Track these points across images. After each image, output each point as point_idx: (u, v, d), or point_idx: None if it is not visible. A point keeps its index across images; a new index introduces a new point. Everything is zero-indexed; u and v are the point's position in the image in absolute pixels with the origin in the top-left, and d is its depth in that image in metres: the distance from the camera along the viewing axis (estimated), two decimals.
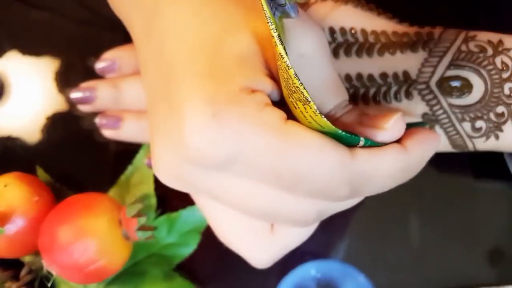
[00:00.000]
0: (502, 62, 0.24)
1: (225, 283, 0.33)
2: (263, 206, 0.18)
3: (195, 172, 0.17)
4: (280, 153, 0.16)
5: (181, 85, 0.17)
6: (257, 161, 0.17)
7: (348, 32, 0.25)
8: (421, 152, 0.18)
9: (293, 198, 0.18)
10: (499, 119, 0.25)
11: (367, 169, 0.17)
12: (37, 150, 0.35)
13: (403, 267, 0.32)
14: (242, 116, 0.16)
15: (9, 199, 0.30)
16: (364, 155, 0.17)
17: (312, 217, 0.19)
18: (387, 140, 0.18)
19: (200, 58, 0.18)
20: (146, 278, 0.32)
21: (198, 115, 0.16)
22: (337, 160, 0.17)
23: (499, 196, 0.32)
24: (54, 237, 0.28)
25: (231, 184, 0.18)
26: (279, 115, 0.17)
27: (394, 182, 0.18)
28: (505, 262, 0.32)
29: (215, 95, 0.17)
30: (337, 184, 0.17)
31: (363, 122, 0.18)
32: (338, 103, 0.19)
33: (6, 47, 0.35)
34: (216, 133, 0.16)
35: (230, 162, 0.17)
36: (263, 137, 0.16)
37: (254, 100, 0.17)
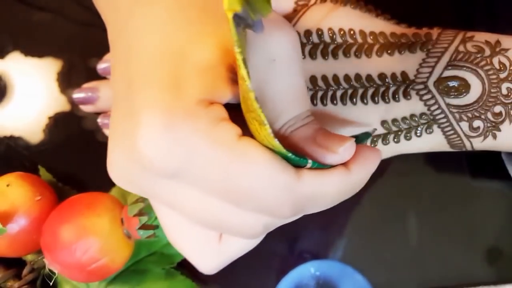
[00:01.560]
0: (500, 62, 0.25)
1: (226, 281, 0.33)
2: (211, 217, 0.18)
3: (146, 178, 0.18)
4: (229, 170, 0.17)
5: (141, 92, 0.17)
6: (207, 175, 0.17)
7: (347, 33, 0.26)
8: (364, 172, 0.19)
9: (241, 212, 0.18)
10: (496, 119, 0.25)
11: (311, 191, 0.18)
12: (40, 150, 0.35)
13: (401, 266, 0.32)
14: (195, 130, 0.17)
15: (11, 199, 0.30)
16: (310, 178, 0.18)
17: (258, 230, 0.19)
18: (334, 163, 0.18)
19: (162, 67, 0.18)
20: (148, 276, 0.32)
21: (152, 125, 0.16)
22: (284, 182, 0.17)
23: (497, 195, 0.32)
24: (56, 236, 0.28)
25: (180, 193, 0.18)
26: (233, 131, 0.17)
27: (337, 201, 0.19)
28: (503, 261, 0.32)
29: (171, 106, 0.17)
30: (282, 205, 0.17)
31: (317, 140, 0.19)
32: (299, 114, 0.19)
33: (9, 48, 0.35)
34: (168, 144, 0.16)
35: (180, 173, 0.17)
36: (214, 153, 0.17)
37: (209, 114, 0.17)
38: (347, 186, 0.19)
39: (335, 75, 0.25)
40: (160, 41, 0.18)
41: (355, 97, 0.25)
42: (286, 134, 0.19)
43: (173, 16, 0.19)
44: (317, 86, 0.25)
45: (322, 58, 0.25)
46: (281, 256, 0.33)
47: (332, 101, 0.25)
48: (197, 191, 0.18)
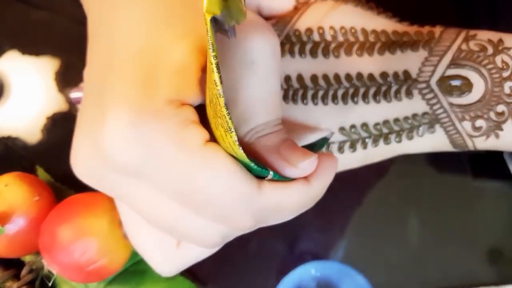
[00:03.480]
0: (503, 61, 0.24)
1: (225, 282, 0.33)
2: (169, 221, 0.18)
3: (107, 173, 0.17)
4: (191, 174, 0.16)
5: (113, 86, 0.17)
6: (168, 177, 0.17)
7: (348, 32, 0.25)
8: (324, 183, 0.19)
9: (199, 220, 0.18)
10: (499, 118, 0.25)
11: (271, 203, 0.18)
12: (37, 150, 0.35)
13: (402, 267, 0.32)
14: (162, 129, 0.16)
15: (9, 199, 0.30)
16: (270, 190, 0.17)
17: (216, 240, 0.19)
18: (295, 176, 0.18)
19: (137, 64, 0.18)
20: (147, 277, 0.32)
21: (118, 120, 0.16)
22: (244, 193, 0.17)
23: (499, 196, 0.32)
24: (54, 236, 0.28)
25: (140, 193, 0.18)
26: (200, 135, 0.17)
27: (297, 212, 0.19)
28: (504, 262, 0.32)
29: (140, 104, 0.17)
30: (241, 215, 0.17)
31: (280, 151, 0.18)
32: (269, 121, 0.19)
33: (6, 47, 0.35)
34: (131, 141, 0.16)
35: (140, 171, 0.17)
36: (177, 155, 0.16)
37: (179, 115, 0.17)
38: (307, 198, 0.19)
39: (336, 74, 0.25)
40: (139, 38, 0.18)
41: (357, 96, 0.25)
42: (252, 140, 0.19)
43: (155, 13, 0.18)
44: (318, 85, 0.25)
45: (323, 57, 0.25)
46: (281, 256, 0.33)
47: (333, 100, 0.25)
48: (156, 193, 0.17)
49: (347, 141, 0.26)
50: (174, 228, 0.18)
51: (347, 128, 0.25)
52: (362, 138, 0.25)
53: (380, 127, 0.25)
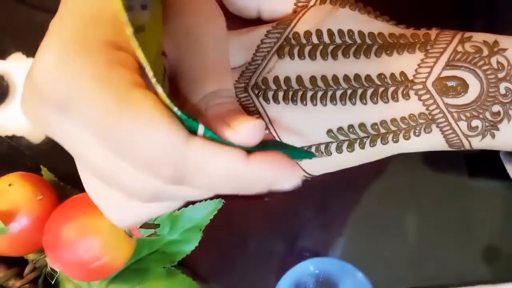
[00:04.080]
0: (498, 62, 0.25)
1: (226, 279, 0.33)
2: (98, 165, 0.18)
3: (40, 108, 0.17)
4: (111, 114, 0.16)
5: (54, 24, 0.18)
6: (88, 113, 0.16)
7: (346, 34, 0.26)
8: (263, 172, 0.17)
9: (126, 167, 0.17)
10: (495, 118, 0.25)
11: (197, 159, 0.17)
12: (42, 149, 0.35)
13: (400, 265, 0.33)
14: (87, 65, 0.16)
15: (13, 198, 0.30)
16: (200, 144, 0.16)
17: (146, 193, 0.18)
18: (233, 141, 0.17)
19: (84, 6, 0.18)
20: (149, 274, 0.32)
21: (49, 52, 0.16)
22: (167, 138, 0.16)
23: (495, 194, 0.32)
24: (58, 235, 0.28)
25: (69, 131, 0.17)
26: (130, 78, 0.16)
27: (225, 187, 0.17)
28: (501, 260, 0.32)
29: (74, 38, 0.17)
30: (162, 163, 0.16)
31: (224, 118, 0.18)
32: (218, 90, 0.19)
33: (11, 49, 0.35)
34: (58, 74, 0.16)
35: (66, 106, 0.16)
36: (98, 93, 0.16)
37: (111, 55, 0.17)
38: (238, 173, 0.17)
39: (334, 75, 0.25)
40: None
41: (354, 97, 0.25)
42: (202, 110, 0.18)
43: None
44: (317, 86, 0.25)
45: (321, 59, 0.26)
46: (281, 255, 0.33)
47: (332, 101, 0.25)
48: (82, 131, 0.17)
49: (345, 141, 0.26)
50: (103, 173, 0.18)
51: (345, 128, 0.26)
52: (360, 138, 0.26)
53: (377, 127, 0.26)
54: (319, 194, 0.33)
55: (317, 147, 0.26)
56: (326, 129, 0.25)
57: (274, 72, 0.26)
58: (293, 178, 0.18)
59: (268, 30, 0.26)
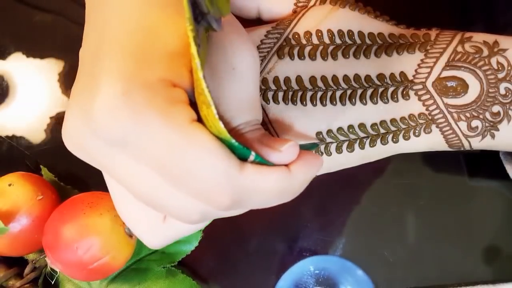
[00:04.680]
0: (498, 63, 0.25)
1: (226, 279, 0.34)
2: (149, 193, 0.18)
3: (95, 142, 0.18)
4: (174, 149, 0.17)
5: (106, 60, 0.18)
6: (150, 148, 0.17)
7: (346, 35, 0.26)
8: (304, 175, 0.19)
9: (178, 195, 0.18)
10: (495, 118, 0.25)
11: (251, 184, 0.18)
12: (42, 149, 0.35)
13: (400, 265, 0.33)
14: (150, 102, 0.17)
15: (13, 198, 0.30)
16: (252, 171, 0.18)
17: (194, 217, 0.19)
18: (277, 161, 0.19)
19: (132, 40, 0.18)
20: (149, 274, 0.32)
21: (110, 89, 0.17)
22: (225, 168, 0.17)
23: (495, 194, 0.32)
24: (58, 235, 0.29)
25: (123, 164, 0.18)
26: (188, 114, 0.17)
27: (276, 201, 0.19)
28: (501, 260, 0.32)
29: (133, 76, 0.17)
30: (220, 192, 0.18)
31: (262, 140, 0.19)
32: (249, 120, 0.20)
33: (11, 49, 0.35)
34: (120, 110, 0.17)
35: (126, 141, 0.17)
36: (162, 129, 0.17)
37: (169, 93, 0.17)
38: (287, 186, 0.19)
39: (334, 75, 0.25)
40: (135, 18, 0.19)
41: (354, 97, 0.25)
42: (237, 135, 0.20)
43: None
44: (317, 87, 0.25)
45: (321, 59, 0.26)
46: (281, 255, 0.33)
47: (332, 101, 0.25)
48: (139, 164, 0.18)
49: (345, 141, 0.26)
50: (153, 200, 0.19)
51: (345, 129, 0.26)
52: (359, 138, 0.26)
53: (377, 127, 0.26)
54: (319, 194, 0.33)
55: (317, 147, 0.26)
56: (325, 129, 0.25)
57: (274, 72, 0.26)
58: (320, 165, 0.20)
59: (268, 31, 0.26)
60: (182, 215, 0.19)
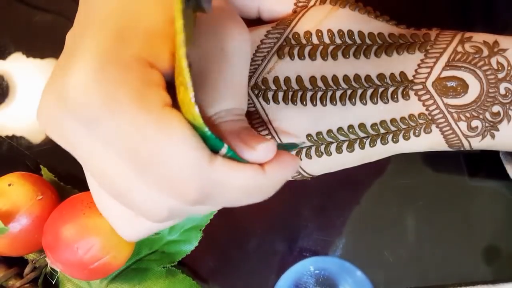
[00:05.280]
0: (498, 63, 0.25)
1: (226, 279, 0.34)
2: (116, 184, 0.18)
3: (67, 123, 0.17)
4: (143, 133, 0.16)
5: (85, 39, 0.18)
6: (119, 131, 0.16)
7: (346, 35, 0.26)
8: (278, 176, 0.19)
9: (144, 186, 0.17)
10: (495, 118, 0.25)
11: (221, 178, 0.17)
12: (42, 149, 0.35)
13: (400, 265, 0.33)
14: (122, 82, 0.16)
15: (13, 198, 0.30)
16: (222, 165, 0.17)
17: (162, 213, 0.18)
18: (250, 159, 0.18)
19: (114, 22, 0.18)
20: (149, 274, 0.32)
21: (83, 66, 0.17)
22: (195, 160, 0.17)
23: (495, 194, 0.32)
24: (58, 235, 0.29)
25: (93, 149, 0.17)
26: (162, 98, 0.17)
27: (247, 199, 0.19)
28: (501, 260, 0.32)
29: (109, 54, 0.17)
30: (187, 184, 0.17)
31: (240, 135, 0.19)
32: (233, 108, 0.20)
33: (11, 49, 0.35)
34: (90, 87, 0.16)
35: (95, 120, 0.17)
36: (132, 110, 0.16)
37: (144, 74, 0.17)
38: (258, 185, 0.18)
39: (334, 75, 0.25)
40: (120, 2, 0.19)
41: (354, 97, 0.25)
42: (214, 123, 0.19)
43: None
44: (317, 87, 0.25)
45: (321, 59, 0.26)
46: (281, 255, 0.33)
47: (332, 101, 0.25)
48: (107, 149, 0.17)
49: (345, 141, 0.26)
50: (121, 193, 0.18)
51: (345, 129, 0.26)
52: (359, 138, 0.26)
53: (377, 127, 0.26)
54: (319, 194, 0.33)
55: (317, 147, 0.26)
56: (326, 129, 0.25)
57: (274, 72, 0.26)
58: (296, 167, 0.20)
59: (268, 31, 0.26)
60: (149, 211, 0.18)
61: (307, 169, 0.27)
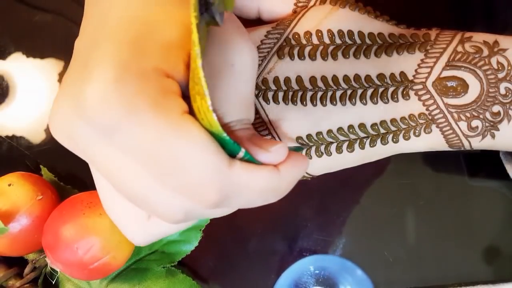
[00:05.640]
0: (498, 62, 0.25)
1: (226, 279, 0.34)
2: (134, 188, 0.18)
3: (83, 131, 0.17)
4: (164, 140, 0.17)
5: (100, 49, 0.18)
6: (138, 138, 0.17)
7: (346, 35, 0.26)
8: (292, 175, 0.20)
9: (163, 191, 0.18)
10: (495, 118, 0.25)
11: (239, 181, 0.18)
12: (41, 149, 0.35)
13: (400, 265, 0.33)
14: (142, 92, 0.17)
15: (13, 198, 0.30)
16: (240, 168, 0.18)
17: (178, 215, 0.19)
18: (266, 161, 0.19)
19: (128, 32, 0.18)
20: (149, 274, 0.32)
21: (101, 75, 0.17)
22: (214, 164, 0.17)
23: (495, 195, 0.32)
24: (58, 235, 0.29)
25: (110, 155, 0.18)
26: (180, 106, 0.17)
27: (264, 200, 0.19)
28: (502, 260, 0.32)
29: (126, 64, 0.17)
30: (207, 187, 0.17)
31: (252, 140, 0.19)
32: (241, 118, 0.20)
33: (11, 49, 0.35)
34: (111, 97, 0.16)
35: (114, 130, 0.17)
36: (153, 119, 0.17)
37: (162, 83, 0.17)
38: (275, 185, 0.19)
39: (334, 75, 0.25)
40: (133, 10, 0.19)
41: (354, 97, 0.25)
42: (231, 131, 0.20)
43: None
44: (317, 87, 0.25)
45: (321, 59, 0.26)
46: (281, 255, 0.33)
47: (332, 101, 0.25)
48: (126, 157, 0.17)
49: (345, 141, 0.26)
50: (137, 196, 0.18)
51: (345, 129, 0.26)
52: (360, 138, 0.26)
53: (377, 127, 0.26)
54: (319, 194, 0.33)
55: (317, 147, 0.26)
56: (326, 129, 0.25)
57: (274, 72, 0.26)
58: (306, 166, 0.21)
59: (268, 31, 0.26)
60: (166, 213, 0.19)
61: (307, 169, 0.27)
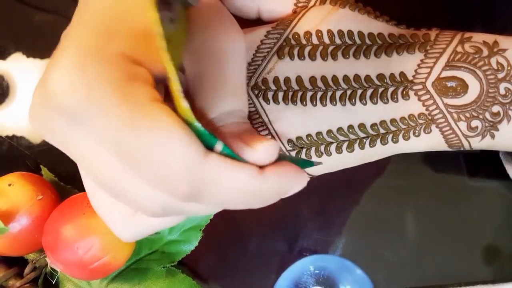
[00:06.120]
0: (498, 63, 0.25)
1: (226, 279, 0.34)
2: (109, 179, 0.17)
3: (55, 120, 0.17)
4: (130, 126, 0.16)
5: (72, 37, 0.17)
6: (105, 126, 0.16)
7: (346, 35, 0.26)
8: (276, 183, 0.18)
9: (137, 183, 0.17)
10: (494, 118, 0.25)
11: (212, 176, 0.17)
12: (42, 149, 0.35)
13: (400, 265, 0.33)
14: (105, 76, 0.16)
15: (13, 198, 0.30)
16: (216, 161, 0.17)
17: (156, 208, 0.18)
18: (249, 159, 0.17)
19: (101, 19, 0.18)
20: (149, 274, 0.32)
21: (65, 62, 0.16)
22: (187, 155, 0.16)
23: (495, 195, 0.32)
24: (58, 235, 0.29)
25: (82, 144, 0.17)
26: (149, 93, 0.16)
27: (243, 203, 0.18)
28: (501, 260, 0.32)
29: (91, 50, 0.17)
30: (178, 179, 0.16)
31: (241, 136, 0.18)
32: (233, 110, 0.19)
33: (11, 49, 0.36)
34: (74, 83, 0.16)
35: (82, 117, 0.16)
36: (116, 106, 0.16)
37: (129, 69, 0.17)
38: (254, 188, 0.17)
39: (334, 76, 0.25)
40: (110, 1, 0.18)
41: (354, 97, 0.25)
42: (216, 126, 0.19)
43: None
44: (317, 87, 0.25)
45: (321, 59, 0.26)
46: (281, 255, 0.33)
47: (331, 101, 0.25)
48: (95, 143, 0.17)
49: (345, 141, 0.26)
50: (113, 188, 0.18)
51: (345, 129, 0.26)
52: (359, 138, 0.26)
53: (377, 127, 0.26)
54: (319, 194, 0.33)
55: (317, 147, 0.26)
56: (325, 129, 0.26)
57: (274, 72, 0.26)
58: (301, 183, 0.19)
59: (268, 31, 0.26)
60: (143, 206, 0.18)
61: (307, 169, 0.27)
